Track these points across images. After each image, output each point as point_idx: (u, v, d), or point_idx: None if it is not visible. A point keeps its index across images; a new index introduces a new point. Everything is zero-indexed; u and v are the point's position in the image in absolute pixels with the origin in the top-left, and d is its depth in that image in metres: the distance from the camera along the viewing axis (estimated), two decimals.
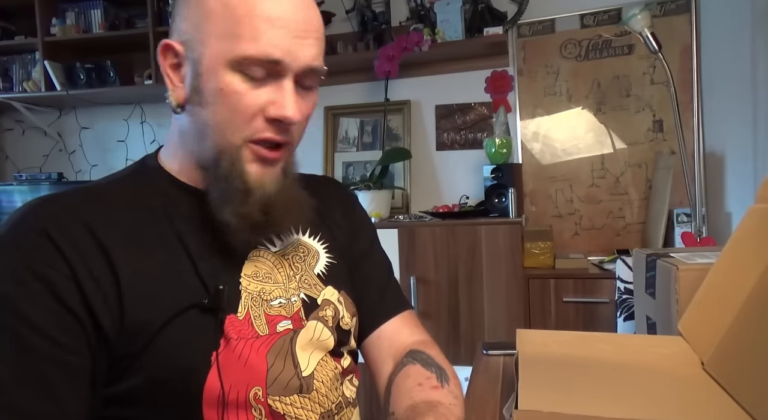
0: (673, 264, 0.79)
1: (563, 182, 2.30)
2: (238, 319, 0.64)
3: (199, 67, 0.62)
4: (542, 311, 1.95)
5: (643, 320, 0.97)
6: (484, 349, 1.05)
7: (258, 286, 0.67)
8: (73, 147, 2.96)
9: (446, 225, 2.03)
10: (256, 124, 0.62)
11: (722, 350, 0.62)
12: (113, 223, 0.61)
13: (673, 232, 1.97)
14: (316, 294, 0.72)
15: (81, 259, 0.57)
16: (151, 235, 0.63)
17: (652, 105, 2.18)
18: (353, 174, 2.53)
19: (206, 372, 0.60)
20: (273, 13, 0.59)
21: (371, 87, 2.51)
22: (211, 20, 0.61)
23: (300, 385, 0.65)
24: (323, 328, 0.70)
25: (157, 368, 0.59)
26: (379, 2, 2.49)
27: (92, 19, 2.67)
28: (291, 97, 0.62)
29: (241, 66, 0.60)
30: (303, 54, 0.61)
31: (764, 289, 0.60)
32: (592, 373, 0.61)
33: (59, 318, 0.56)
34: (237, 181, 0.62)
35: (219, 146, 0.63)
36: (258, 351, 0.63)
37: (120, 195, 0.65)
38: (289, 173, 0.68)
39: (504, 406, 0.74)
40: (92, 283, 0.57)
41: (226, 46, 0.60)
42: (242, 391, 0.61)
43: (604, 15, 2.23)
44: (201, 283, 0.63)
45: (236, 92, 0.60)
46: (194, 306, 0.61)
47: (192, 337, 0.60)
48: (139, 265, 0.60)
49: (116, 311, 0.58)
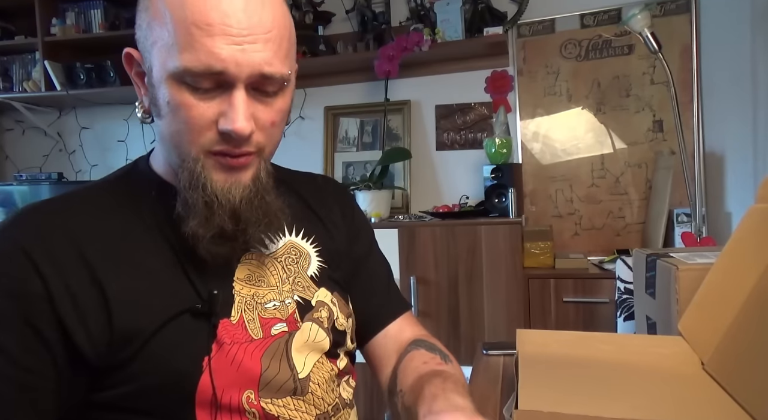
0: (673, 264, 0.79)
1: (563, 182, 2.30)
2: (232, 323, 0.63)
3: (150, 78, 0.59)
4: (542, 311, 1.95)
5: (643, 320, 0.97)
6: (484, 349, 1.05)
7: (251, 289, 0.67)
8: (73, 147, 2.96)
9: (446, 225, 2.03)
10: (210, 136, 0.58)
11: (722, 350, 0.62)
12: (101, 233, 0.61)
13: (673, 232, 1.97)
14: (309, 296, 0.71)
15: (58, 274, 0.56)
16: (141, 242, 0.62)
17: (652, 105, 2.18)
18: (353, 174, 2.53)
19: (198, 376, 0.59)
20: (210, 18, 0.54)
21: (371, 87, 2.51)
22: (153, 29, 0.57)
23: (294, 387, 0.65)
24: (318, 329, 0.70)
25: (150, 374, 0.58)
26: (379, 2, 2.49)
27: (92, 19, 2.67)
28: (241, 109, 0.56)
29: (184, 78, 0.56)
30: (249, 61, 0.55)
31: (764, 289, 0.60)
32: (592, 373, 0.61)
33: (24, 338, 0.55)
34: (199, 192, 0.59)
35: (179, 157, 0.61)
36: (252, 355, 0.63)
37: (110, 201, 0.65)
38: (258, 179, 0.63)
39: (504, 406, 0.74)
40: (68, 300, 0.56)
41: (166, 57, 0.56)
42: (235, 395, 0.61)
43: (604, 15, 2.22)
44: (193, 288, 0.62)
45: (185, 105, 0.57)
46: (187, 311, 0.61)
47: (184, 341, 0.60)
48: (128, 275, 0.59)
49: (100, 325, 0.57)
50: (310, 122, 2.62)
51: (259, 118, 0.59)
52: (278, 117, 0.62)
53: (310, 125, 2.62)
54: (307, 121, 2.62)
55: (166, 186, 0.66)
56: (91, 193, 0.67)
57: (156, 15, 0.57)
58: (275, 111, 0.61)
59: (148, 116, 0.64)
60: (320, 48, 2.44)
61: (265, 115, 0.60)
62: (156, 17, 0.57)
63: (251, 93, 0.58)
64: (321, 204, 0.80)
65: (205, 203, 0.60)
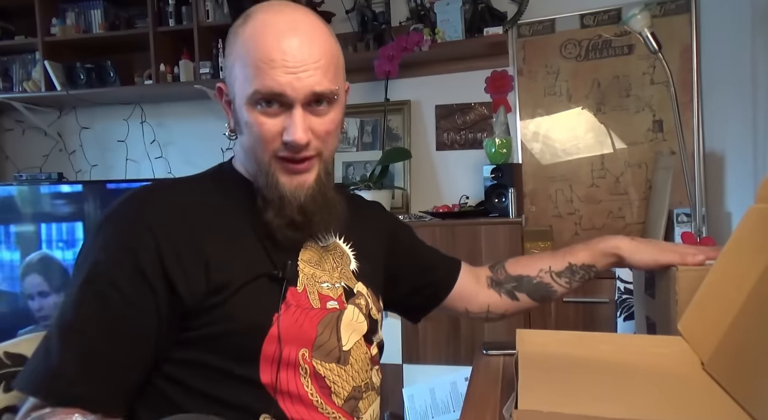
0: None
1: (563, 182, 2.30)
2: (297, 291, 0.76)
3: (234, 104, 0.77)
4: (542, 311, 1.94)
5: (643, 320, 0.97)
6: (484, 349, 1.05)
7: (311, 270, 0.80)
8: (73, 147, 2.96)
9: (446, 225, 2.03)
10: (276, 145, 0.74)
11: (722, 350, 0.62)
12: (203, 210, 0.76)
13: (673, 232, 1.97)
14: (352, 285, 0.84)
15: (168, 237, 0.70)
16: (231, 223, 0.77)
17: (652, 105, 2.18)
18: (353, 174, 2.53)
19: (268, 328, 0.71)
20: (273, 55, 0.71)
21: (371, 87, 2.51)
22: (235, 68, 0.75)
23: (339, 356, 0.76)
24: (359, 313, 0.82)
25: (232, 320, 0.71)
26: (379, 2, 2.49)
27: (92, 19, 2.67)
28: (298, 123, 0.72)
29: (256, 101, 0.72)
30: (302, 85, 0.72)
31: (764, 289, 0.60)
32: (592, 373, 0.62)
33: (135, 281, 0.68)
34: (273, 190, 0.76)
35: (256, 163, 0.77)
36: (311, 319, 0.75)
37: (206, 189, 0.80)
38: (321, 180, 0.78)
39: (504, 406, 0.74)
40: (174, 256, 0.70)
41: (244, 86, 0.73)
42: (293, 350, 0.73)
43: (604, 15, 2.22)
44: (269, 259, 0.76)
45: (257, 122, 0.73)
46: (265, 275, 0.74)
47: (261, 298, 0.73)
48: (222, 243, 0.74)
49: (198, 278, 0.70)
50: None
51: (315, 129, 0.75)
52: (332, 126, 0.77)
53: None
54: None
55: (249, 183, 0.81)
56: (195, 180, 0.83)
57: (237, 57, 0.74)
58: (328, 121, 0.77)
59: (233, 134, 0.81)
60: None
61: (320, 126, 0.76)
62: (237, 58, 0.74)
63: (307, 109, 0.74)
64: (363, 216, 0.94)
65: (278, 198, 0.76)
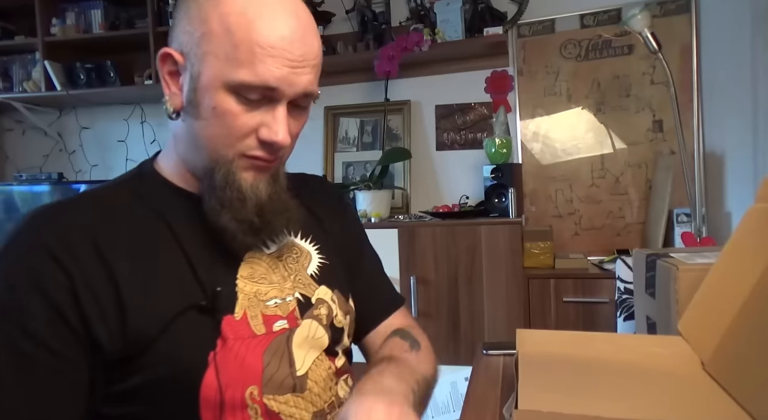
0: (673, 264, 0.79)
1: (563, 182, 2.30)
2: (235, 319, 0.65)
3: (196, 82, 0.63)
4: (542, 311, 1.95)
5: (643, 320, 0.97)
6: (484, 349, 1.05)
7: (254, 287, 0.69)
8: (73, 147, 2.96)
9: (446, 225, 2.03)
10: (248, 142, 0.64)
11: (722, 350, 0.62)
12: (116, 232, 0.64)
13: (673, 232, 1.97)
14: (310, 293, 0.74)
15: (80, 271, 0.59)
16: (151, 242, 0.65)
17: (652, 105, 2.18)
18: (353, 174, 2.53)
19: (203, 371, 0.61)
20: (271, 41, 0.60)
21: (371, 87, 2.51)
22: (211, 40, 0.62)
23: (294, 384, 0.67)
24: (318, 326, 0.72)
25: (158, 368, 0.61)
26: (379, 2, 2.49)
27: (92, 19, 2.67)
28: (283, 123, 0.64)
29: (238, 90, 0.61)
30: (298, 82, 0.63)
31: (764, 289, 0.60)
32: (592, 373, 0.61)
33: (52, 325, 0.58)
34: (233, 190, 0.65)
35: (212, 158, 0.65)
36: (254, 350, 0.65)
37: (120, 202, 0.68)
38: (278, 179, 0.70)
39: (504, 406, 0.74)
40: (89, 295, 0.59)
41: (223, 68, 0.61)
42: (238, 391, 0.63)
43: (604, 15, 2.23)
44: (199, 285, 0.65)
45: (230, 112, 0.62)
46: (192, 307, 0.63)
47: (191, 337, 0.62)
48: (139, 273, 0.62)
49: (115, 320, 0.60)
50: (310, 122, 2.58)
51: (290, 130, 0.66)
52: (300, 128, 0.71)
53: (310, 125, 2.58)
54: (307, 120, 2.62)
55: (175, 188, 0.70)
56: (106, 193, 0.70)
57: (216, 29, 0.61)
58: (300, 124, 0.70)
59: (176, 115, 0.67)
60: None
61: (294, 127, 0.68)
62: (215, 31, 0.61)
63: (288, 108, 0.65)
64: (317, 204, 0.83)
65: (238, 199, 0.65)
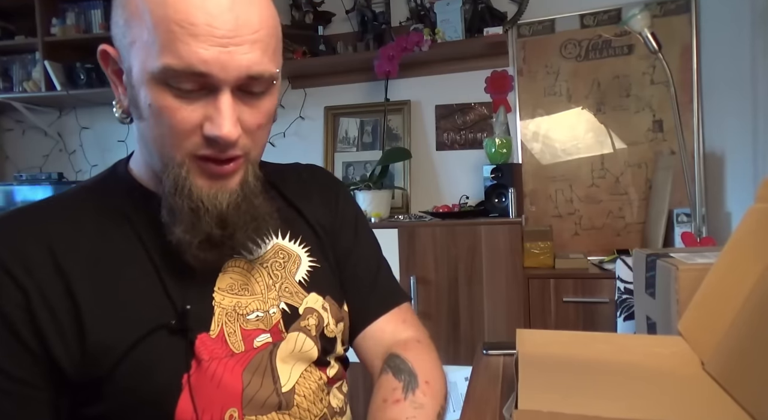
0: (673, 264, 0.79)
1: (563, 182, 2.30)
2: (211, 337, 0.60)
3: (130, 78, 0.56)
4: (542, 311, 1.95)
5: (643, 320, 0.97)
6: (484, 349, 1.05)
7: (233, 300, 0.63)
8: (73, 147, 2.96)
9: (446, 225, 2.03)
10: (195, 140, 0.55)
11: (722, 350, 0.62)
12: (77, 242, 0.58)
13: (673, 232, 1.97)
14: (298, 303, 0.68)
15: (36, 286, 0.55)
16: (118, 253, 0.60)
17: (652, 105, 2.18)
18: (353, 174, 2.53)
19: (177, 396, 0.57)
20: (193, 17, 0.50)
21: (371, 87, 2.51)
22: (131, 27, 0.54)
23: (279, 401, 0.63)
24: (305, 338, 0.67)
25: (127, 391, 0.56)
26: (379, 2, 2.49)
27: (92, 19, 2.67)
28: (227, 113, 0.54)
29: (166, 79, 0.52)
30: (236, 64, 0.52)
31: (764, 289, 0.60)
32: (592, 373, 0.61)
33: (11, 349, 0.54)
34: (183, 198, 0.57)
35: (162, 162, 0.58)
36: (233, 370, 0.60)
37: (87, 208, 0.62)
38: (247, 185, 0.61)
39: (504, 406, 0.74)
40: (46, 312, 0.54)
41: (146, 57, 0.53)
42: (216, 414, 0.58)
43: (604, 15, 2.22)
44: (170, 302, 0.59)
45: (167, 108, 0.53)
46: (161, 327, 0.58)
47: (161, 359, 0.57)
48: (102, 287, 0.57)
49: (74, 339, 0.55)
50: (310, 122, 2.62)
51: (246, 121, 0.56)
52: (265, 119, 0.59)
53: (310, 125, 2.62)
54: (307, 121, 2.62)
55: (147, 192, 0.64)
56: (68, 199, 0.64)
57: (134, 12, 0.53)
58: (262, 113, 0.58)
59: (126, 116, 0.61)
60: (320, 48, 2.44)
61: (252, 118, 0.57)
62: (134, 15, 0.53)
63: (237, 95, 0.55)
64: (306, 201, 0.76)
65: (190, 209, 0.57)
